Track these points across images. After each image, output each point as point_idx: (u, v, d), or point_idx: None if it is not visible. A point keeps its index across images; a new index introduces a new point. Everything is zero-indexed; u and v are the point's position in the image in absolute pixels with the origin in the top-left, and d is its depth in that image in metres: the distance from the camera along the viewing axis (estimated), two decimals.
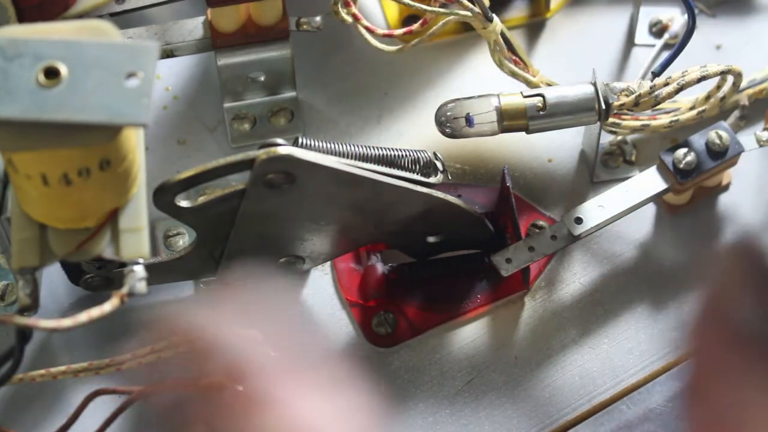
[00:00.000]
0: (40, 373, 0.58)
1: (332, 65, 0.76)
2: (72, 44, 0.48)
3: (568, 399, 0.65)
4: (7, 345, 0.53)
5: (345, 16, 0.69)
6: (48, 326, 0.51)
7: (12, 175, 0.50)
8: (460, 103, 0.67)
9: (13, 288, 0.67)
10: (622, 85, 0.68)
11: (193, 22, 0.71)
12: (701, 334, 0.48)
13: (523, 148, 0.72)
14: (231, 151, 0.72)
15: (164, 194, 0.57)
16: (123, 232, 0.52)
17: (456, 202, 0.64)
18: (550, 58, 0.75)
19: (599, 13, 0.77)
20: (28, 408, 0.65)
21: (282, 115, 0.73)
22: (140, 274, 0.51)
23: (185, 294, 0.68)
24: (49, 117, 0.47)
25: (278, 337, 0.53)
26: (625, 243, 0.69)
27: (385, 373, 0.66)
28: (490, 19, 0.67)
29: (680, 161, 0.67)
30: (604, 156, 0.71)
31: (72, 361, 0.60)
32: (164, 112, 0.74)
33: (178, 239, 0.69)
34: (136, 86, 0.47)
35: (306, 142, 0.60)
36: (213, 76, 0.74)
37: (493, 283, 0.68)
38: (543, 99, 0.66)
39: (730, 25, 0.76)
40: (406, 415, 0.65)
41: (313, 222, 0.62)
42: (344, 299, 0.68)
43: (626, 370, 0.66)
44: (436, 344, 0.67)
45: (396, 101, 0.74)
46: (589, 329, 0.67)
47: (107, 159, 0.50)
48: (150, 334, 0.48)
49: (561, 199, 0.71)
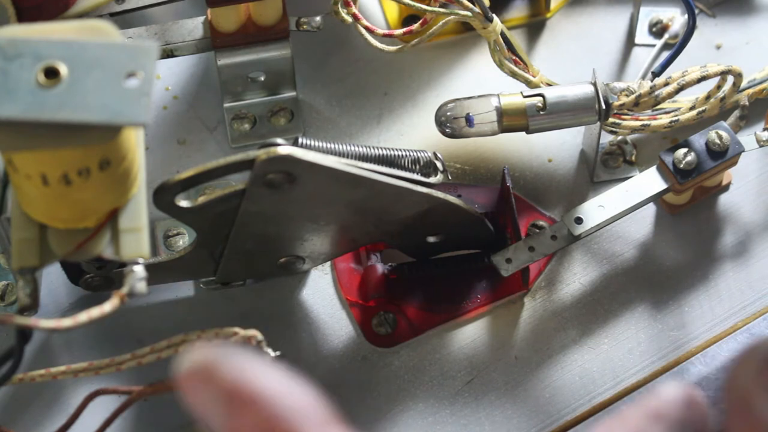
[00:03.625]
0: (40, 373, 0.58)
1: (332, 65, 0.76)
2: (72, 44, 0.48)
3: (568, 399, 0.65)
4: (7, 345, 0.53)
5: (345, 16, 0.69)
6: (48, 326, 0.51)
7: (12, 175, 0.50)
8: (460, 103, 0.67)
9: (13, 288, 0.67)
10: (622, 85, 0.68)
11: (193, 22, 0.71)
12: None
13: (523, 148, 0.72)
14: (231, 151, 0.72)
15: (164, 194, 0.57)
16: (123, 232, 0.52)
17: (456, 202, 0.64)
18: (550, 58, 0.75)
19: (599, 13, 0.77)
20: (28, 408, 0.65)
21: (282, 115, 0.73)
22: (140, 274, 0.51)
23: (185, 294, 0.68)
24: (49, 117, 0.47)
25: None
26: (625, 243, 0.69)
27: (385, 373, 0.66)
28: (490, 19, 0.67)
29: (680, 161, 0.67)
30: (604, 156, 0.72)
31: (72, 361, 0.60)
32: (164, 112, 0.74)
33: (178, 239, 0.69)
34: (136, 86, 0.47)
35: (306, 142, 0.60)
36: (213, 76, 0.74)
37: (493, 283, 0.68)
38: (543, 99, 0.66)
39: (730, 25, 0.76)
40: (406, 415, 0.65)
41: (313, 222, 0.62)
42: (344, 299, 0.68)
43: (626, 370, 0.66)
44: (436, 344, 0.67)
45: (396, 101, 0.74)
46: (589, 329, 0.67)
47: (107, 159, 0.50)
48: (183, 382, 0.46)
49: (561, 199, 0.71)
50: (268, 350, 0.57)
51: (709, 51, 0.76)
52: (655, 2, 0.76)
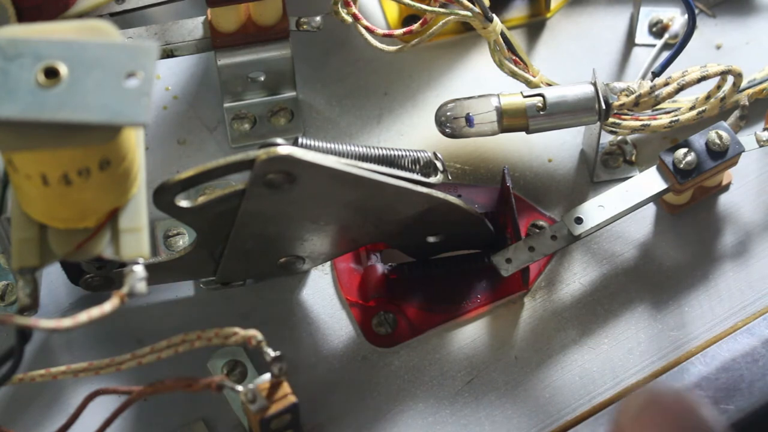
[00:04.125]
0: (40, 373, 0.58)
1: (332, 65, 0.76)
2: (72, 44, 0.48)
3: (568, 399, 0.65)
4: (7, 345, 0.53)
5: (345, 16, 0.69)
6: (48, 326, 0.51)
7: (12, 175, 0.50)
8: (460, 103, 0.67)
9: (13, 288, 0.67)
10: (622, 85, 0.68)
11: (193, 22, 0.71)
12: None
13: (523, 148, 0.72)
14: (231, 151, 0.72)
15: (164, 194, 0.57)
16: (123, 232, 0.52)
17: (456, 202, 0.64)
18: (550, 58, 0.76)
19: (599, 13, 0.77)
20: (28, 408, 0.65)
21: (282, 115, 0.73)
22: (140, 274, 0.51)
23: (185, 294, 0.68)
24: (49, 117, 0.47)
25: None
26: (625, 243, 0.69)
27: (385, 373, 0.66)
28: (490, 19, 0.67)
29: (680, 161, 0.67)
30: (604, 156, 0.72)
31: (72, 361, 0.60)
32: (164, 112, 0.74)
33: (178, 239, 0.69)
34: (136, 86, 0.47)
35: (306, 142, 0.60)
36: (213, 76, 0.74)
37: (493, 283, 0.68)
38: (543, 99, 0.66)
39: (730, 25, 0.76)
40: (406, 415, 0.65)
41: (313, 222, 0.62)
42: (344, 299, 0.68)
43: (626, 370, 0.66)
44: (436, 344, 0.67)
45: (396, 101, 0.74)
46: (589, 329, 0.67)
47: (107, 159, 0.50)
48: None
49: (561, 199, 0.71)
50: (268, 350, 0.57)
51: (709, 51, 0.76)
52: (655, 2, 0.77)
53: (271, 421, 0.58)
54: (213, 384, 0.56)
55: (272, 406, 0.58)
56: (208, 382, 0.57)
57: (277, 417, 0.58)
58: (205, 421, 0.64)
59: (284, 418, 0.59)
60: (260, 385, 0.58)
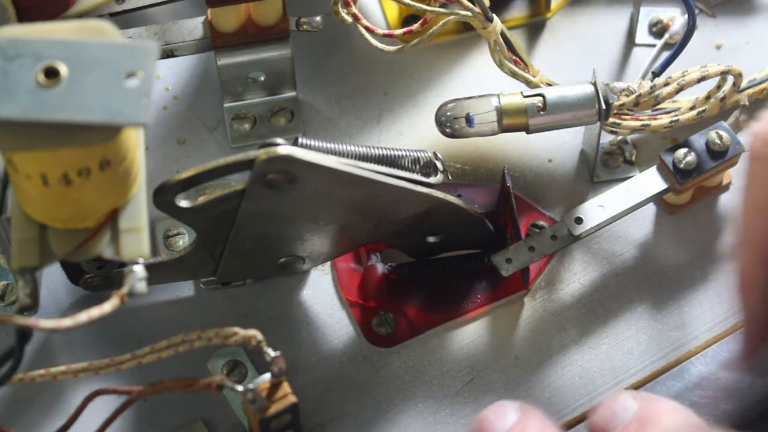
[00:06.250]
0: (40, 373, 0.58)
1: (332, 65, 0.76)
2: (72, 44, 0.48)
3: (568, 399, 0.65)
4: (7, 345, 0.53)
5: (345, 16, 0.69)
6: (48, 326, 0.51)
7: (12, 175, 0.50)
8: (460, 103, 0.67)
9: (13, 288, 0.67)
10: (622, 85, 0.68)
11: (193, 22, 0.71)
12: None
13: (523, 148, 0.72)
14: (231, 151, 0.72)
15: (164, 194, 0.57)
16: (123, 232, 0.52)
17: (456, 202, 0.64)
18: (550, 58, 0.75)
19: (599, 13, 0.77)
20: (28, 408, 0.65)
21: (282, 115, 0.73)
22: (140, 274, 0.51)
23: (185, 294, 0.68)
24: (49, 117, 0.47)
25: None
26: (625, 243, 0.69)
27: (385, 373, 0.66)
28: (490, 19, 0.67)
29: (680, 161, 0.67)
30: (604, 156, 0.72)
31: (72, 361, 0.60)
32: (164, 112, 0.74)
33: (178, 239, 0.69)
34: (136, 86, 0.47)
35: (306, 142, 0.60)
36: (213, 76, 0.74)
37: (493, 283, 0.68)
38: (543, 99, 0.66)
39: (730, 25, 0.76)
40: (406, 415, 0.65)
41: (313, 222, 0.62)
42: (344, 299, 0.68)
43: (626, 370, 0.66)
44: (436, 344, 0.67)
45: (396, 101, 0.74)
46: (589, 329, 0.67)
47: (107, 159, 0.50)
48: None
49: (561, 199, 0.71)
50: (268, 350, 0.57)
51: (709, 51, 0.76)
52: (655, 2, 0.76)
53: (271, 421, 0.58)
54: (213, 384, 0.56)
55: (272, 406, 0.58)
56: (208, 382, 0.57)
57: (277, 417, 0.58)
58: (205, 421, 0.64)
59: (284, 418, 0.59)
60: (260, 385, 0.58)
